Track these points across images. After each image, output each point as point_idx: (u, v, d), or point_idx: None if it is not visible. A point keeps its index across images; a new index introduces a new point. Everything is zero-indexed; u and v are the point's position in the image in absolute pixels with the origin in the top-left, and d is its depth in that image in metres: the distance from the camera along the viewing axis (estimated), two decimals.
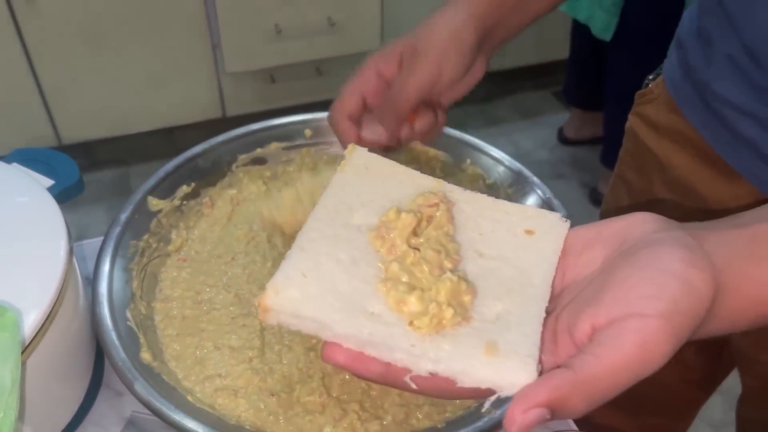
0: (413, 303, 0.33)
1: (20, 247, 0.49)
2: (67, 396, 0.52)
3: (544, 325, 0.34)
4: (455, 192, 0.42)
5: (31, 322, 0.43)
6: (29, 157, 0.59)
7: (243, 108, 2.04)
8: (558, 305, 0.35)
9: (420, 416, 0.51)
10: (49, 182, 0.57)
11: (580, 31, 1.89)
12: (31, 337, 0.44)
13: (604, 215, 0.73)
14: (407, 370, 0.32)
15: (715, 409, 1.50)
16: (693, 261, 0.31)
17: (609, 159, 2.02)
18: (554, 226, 0.39)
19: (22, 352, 0.42)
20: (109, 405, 0.56)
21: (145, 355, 0.52)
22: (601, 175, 2.03)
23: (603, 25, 1.78)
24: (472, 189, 0.70)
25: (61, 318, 0.47)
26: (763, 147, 0.56)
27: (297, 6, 1.86)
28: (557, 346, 0.33)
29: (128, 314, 0.55)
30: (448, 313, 0.33)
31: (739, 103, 0.56)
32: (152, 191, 0.64)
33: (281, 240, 0.66)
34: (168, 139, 2.10)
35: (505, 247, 0.38)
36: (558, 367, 0.31)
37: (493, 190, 0.68)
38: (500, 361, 0.32)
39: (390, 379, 0.33)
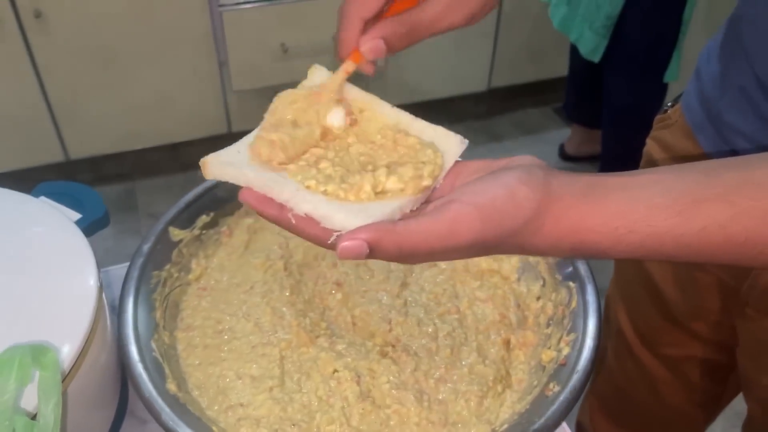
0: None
1: (52, 282, 0.51)
2: (96, 425, 0.53)
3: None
4: (384, 106, 0.51)
5: (66, 357, 0.45)
6: (56, 191, 0.61)
7: (248, 124, 2.05)
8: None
9: None
10: (76, 215, 0.59)
11: (577, 50, 1.92)
12: (67, 371, 0.45)
13: None
14: (290, 210, 0.43)
15: (716, 425, 1.51)
16: (526, 181, 0.39)
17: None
18: (454, 143, 0.49)
19: None
20: None
21: (171, 386, 0.54)
22: None
23: (592, 47, 1.80)
24: None
25: (92, 351, 0.49)
26: None
27: (303, 26, 1.89)
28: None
29: (153, 345, 0.56)
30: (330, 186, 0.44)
31: (748, 133, 0.59)
32: (173, 221, 0.66)
33: (297, 268, 0.67)
34: (173, 155, 2.12)
35: (410, 146, 0.48)
36: None
37: None
38: (349, 215, 0.42)
39: (280, 219, 0.43)
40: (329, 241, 0.41)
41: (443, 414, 0.55)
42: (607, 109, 1.94)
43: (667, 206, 0.38)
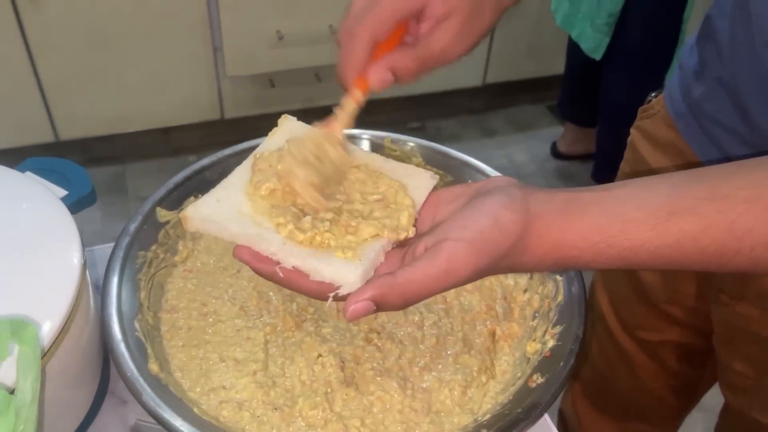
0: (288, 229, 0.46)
1: (35, 258, 0.50)
2: (76, 403, 0.53)
3: (401, 248, 0.46)
4: (356, 151, 0.53)
5: (47, 333, 0.45)
6: (42, 167, 0.60)
7: (241, 111, 2.05)
8: (421, 236, 0.45)
9: None
10: (63, 192, 0.58)
11: (575, 48, 1.91)
12: (47, 348, 0.45)
13: None
14: (278, 263, 0.44)
15: (696, 425, 1.52)
16: (507, 205, 0.41)
17: (599, 175, 2.04)
18: (425, 179, 0.51)
19: None
20: (113, 413, 0.57)
21: (153, 366, 0.53)
22: None
23: (594, 44, 1.80)
24: None
25: (74, 328, 0.49)
26: None
27: (299, 13, 1.87)
28: (403, 263, 0.43)
29: (136, 325, 0.56)
30: (314, 239, 0.45)
31: (724, 121, 0.61)
32: (161, 202, 0.65)
33: None
34: (164, 139, 2.11)
35: (386, 191, 0.50)
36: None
37: None
38: (340, 266, 0.44)
39: (275, 275, 0.44)
40: (327, 302, 0.44)
41: (426, 402, 0.55)
42: (604, 107, 1.94)
43: (642, 221, 0.40)
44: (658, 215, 0.40)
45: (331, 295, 0.43)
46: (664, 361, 0.82)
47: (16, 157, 1.99)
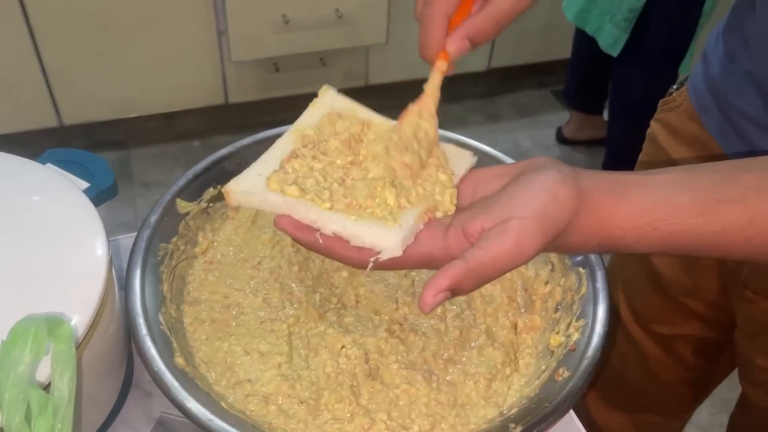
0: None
1: (62, 252, 0.50)
2: (103, 397, 0.53)
3: (446, 221, 0.45)
4: (387, 121, 0.52)
5: (78, 329, 0.44)
6: (63, 158, 0.60)
7: (246, 95, 2.04)
8: (462, 211, 0.45)
9: (445, 427, 0.53)
10: (84, 184, 0.58)
11: (583, 39, 1.90)
12: (78, 342, 0.45)
13: None
14: (318, 230, 0.44)
15: (701, 410, 1.54)
16: (561, 180, 0.41)
17: (611, 169, 2.03)
18: (465, 157, 0.51)
19: None
20: (138, 405, 0.57)
21: (179, 360, 0.53)
22: None
23: (612, 40, 1.77)
24: None
25: (102, 323, 0.49)
26: None
27: None
28: (448, 234, 0.43)
29: (160, 318, 0.56)
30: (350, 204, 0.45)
31: (755, 117, 0.60)
32: (180, 193, 0.65)
33: None
34: (169, 124, 2.10)
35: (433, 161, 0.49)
36: (448, 253, 0.42)
37: None
38: (380, 231, 0.44)
39: (316, 244, 0.44)
40: (368, 267, 0.43)
41: (452, 395, 0.55)
42: (617, 100, 1.92)
43: (689, 205, 0.40)
44: (705, 201, 0.39)
45: (372, 259, 0.43)
46: (679, 354, 0.82)
47: (19, 143, 1.98)
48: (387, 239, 0.43)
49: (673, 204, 0.40)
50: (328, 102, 0.53)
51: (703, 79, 0.67)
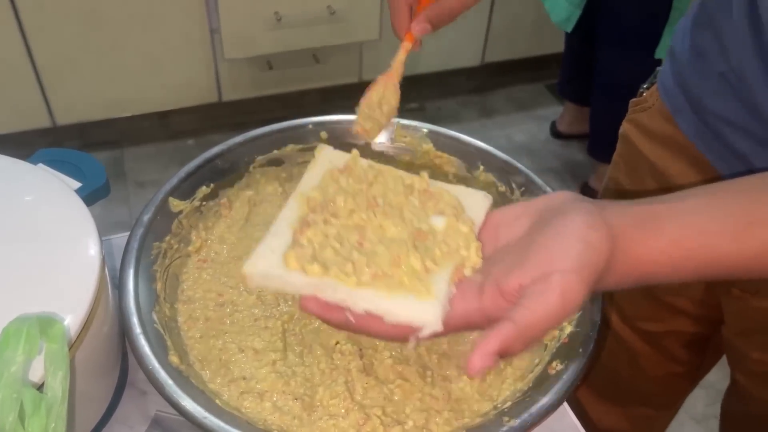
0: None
1: (54, 252, 0.50)
2: (98, 396, 0.53)
3: (477, 278, 0.43)
4: (398, 171, 0.51)
5: (71, 328, 0.44)
6: (54, 158, 0.59)
7: (239, 93, 2.04)
8: (490, 263, 0.44)
9: (439, 422, 0.53)
10: (76, 184, 0.58)
11: (574, 28, 1.90)
12: (71, 342, 0.45)
13: None
14: (348, 309, 0.42)
15: (697, 401, 1.55)
16: (592, 224, 0.39)
17: (595, 151, 2.04)
18: (479, 199, 0.49)
19: None
20: (134, 404, 0.57)
21: (173, 359, 0.53)
22: (592, 170, 2.06)
23: (565, 16, 1.77)
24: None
25: (96, 322, 0.49)
26: (755, 161, 0.58)
27: None
28: (483, 294, 0.42)
29: (154, 317, 0.56)
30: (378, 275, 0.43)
31: (731, 119, 0.58)
32: (173, 192, 0.65)
33: None
34: (162, 123, 2.09)
35: (438, 220, 0.47)
36: (486, 314, 0.41)
37: (505, 198, 0.69)
38: (415, 306, 0.41)
39: (348, 323, 0.43)
40: (410, 345, 0.42)
41: (446, 390, 0.55)
42: (598, 85, 1.93)
43: (721, 233, 0.39)
44: (737, 226, 0.39)
45: (414, 338, 0.42)
46: (668, 349, 0.81)
47: (12, 143, 1.97)
48: (425, 315, 0.41)
49: (704, 232, 0.39)
50: (326, 160, 0.52)
51: (673, 78, 0.65)
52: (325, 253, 0.44)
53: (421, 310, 0.41)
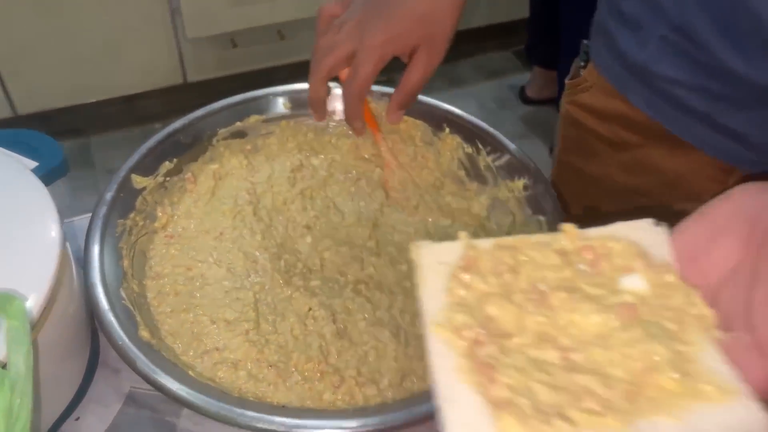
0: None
1: (13, 232, 0.49)
2: (68, 376, 0.52)
3: (734, 337, 0.31)
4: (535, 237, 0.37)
5: (33, 307, 0.44)
6: (10, 139, 0.58)
7: (204, 74, 2.01)
8: (732, 315, 0.32)
9: (415, 379, 0.54)
10: (33, 164, 0.57)
11: None
12: (35, 321, 0.44)
13: None
14: None
15: None
16: None
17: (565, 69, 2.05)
18: (652, 235, 0.36)
19: None
20: (107, 382, 0.57)
21: (144, 333, 0.53)
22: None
23: None
24: (451, 157, 0.72)
25: (60, 301, 0.48)
26: (717, 116, 0.58)
27: None
28: (750, 361, 0.31)
29: (122, 293, 0.55)
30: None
31: (684, 80, 0.57)
32: (135, 168, 0.64)
33: (267, 213, 0.66)
34: (128, 108, 2.05)
35: (630, 281, 0.35)
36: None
37: (472, 158, 0.69)
38: (726, 412, 0.29)
39: None
40: None
41: (421, 349, 0.56)
42: (564, 46, 1.94)
43: None
44: None
45: None
46: None
47: None
48: (750, 418, 0.29)
49: None
50: (433, 261, 0.36)
51: (608, 52, 0.64)
52: (539, 396, 0.30)
53: (742, 414, 0.29)
